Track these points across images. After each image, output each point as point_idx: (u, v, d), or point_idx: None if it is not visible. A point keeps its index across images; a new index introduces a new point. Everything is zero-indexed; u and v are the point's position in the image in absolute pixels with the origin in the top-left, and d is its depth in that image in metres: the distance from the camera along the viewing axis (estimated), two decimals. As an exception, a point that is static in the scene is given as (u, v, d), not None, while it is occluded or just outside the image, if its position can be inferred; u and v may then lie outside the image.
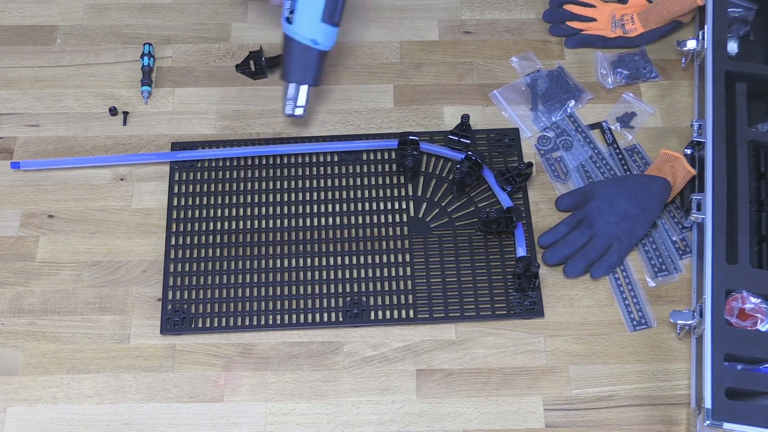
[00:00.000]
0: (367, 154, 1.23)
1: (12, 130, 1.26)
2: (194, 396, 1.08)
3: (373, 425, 1.06)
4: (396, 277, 1.15)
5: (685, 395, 1.07)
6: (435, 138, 1.24)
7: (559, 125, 1.25)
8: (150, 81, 1.28)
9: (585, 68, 1.30)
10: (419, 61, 1.31)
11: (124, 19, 1.36)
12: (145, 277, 1.15)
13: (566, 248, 1.15)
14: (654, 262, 1.15)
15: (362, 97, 1.28)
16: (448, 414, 1.06)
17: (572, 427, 1.06)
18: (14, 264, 1.16)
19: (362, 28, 1.34)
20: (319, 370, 1.09)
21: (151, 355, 1.10)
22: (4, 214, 1.19)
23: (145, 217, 1.19)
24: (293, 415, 1.07)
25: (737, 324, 1.04)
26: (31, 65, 1.31)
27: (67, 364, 1.09)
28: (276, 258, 1.16)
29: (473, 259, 1.15)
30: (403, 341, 1.11)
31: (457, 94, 1.28)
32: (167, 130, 1.26)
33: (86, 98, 1.28)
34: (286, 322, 1.12)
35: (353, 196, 1.20)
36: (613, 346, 1.10)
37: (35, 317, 1.12)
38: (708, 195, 1.10)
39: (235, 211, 1.19)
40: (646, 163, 1.22)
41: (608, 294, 1.14)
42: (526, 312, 1.12)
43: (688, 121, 1.25)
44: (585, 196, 1.18)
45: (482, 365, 1.09)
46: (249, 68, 1.27)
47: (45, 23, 1.35)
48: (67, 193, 1.21)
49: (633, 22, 1.31)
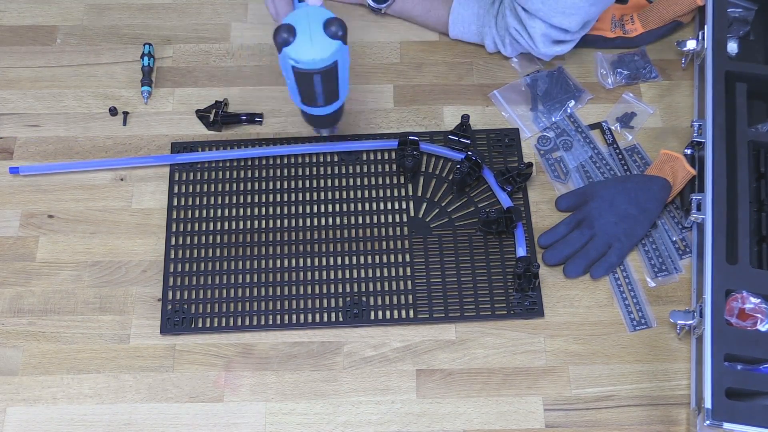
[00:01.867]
0: (367, 154, 1.23)
1: (12, 130, 1.26)
2: (194, 396, 1.08)
3: (373, 425, 1.06)
4: (396, 277, 1.15)
5: (685, 395, 1.07)
6: (435, 138, 1.24)
7: (559, 125, 1.25)
8: (150, 81, 1.28)
9: (585, 68, 1.30)
10: (419, 61, 1.31)
11: (124, 19, 1.36)
12: (145, 277, 1.15)
13: (566, 248, 1.15)
14: (654, 262, 1.15)
15: (362, 97, 1.28)
16: (448, 414, 1.06)
17: (572, 427, 1.06)
18: (14, 264, 1.16)
19: (362, 28, 1.34)
20: (319, 370, 1.09)
21: (151, 355, 1.10)
22: (4, 215, 1.19)
23: (145, 217, 1.19)
24: (293, 415, 1.07)
25: (737, 324, 1.04)
26: (31, 65, 1.31)
27: (67, 364, 1.09)
28: (276, 258, 1.16)
29: (473, 259, 1.15)
30: (403, 341, 1.11)
31: (457, 94, 1.28)
32: (167, 130, 1.26)
33: (86, 98, 1.28)
34: (286, 322, 1.12)
35: (353, 196, 1.20)
36: (613, 346, 1.10)
37: (35, 317, 1.12)
38: (708, 195, 1.10)
39: (235, 211, 1.19)
40: (646, 163, 1.22)
41: (608, 294, 1.14)
42: (526, 312, 1.12)
43: (688, 121, 1.25)
44: (585, 196, 1.18)
45: (482, 365, 1.09)
46: (208, 118, 1.25)
47: (45, 23, 1.35)
48: (67, 193, 1.21)
49: (633, 22, 1.31)
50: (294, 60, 1.00)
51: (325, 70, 1.01)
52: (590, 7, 1.17)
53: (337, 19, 1.00)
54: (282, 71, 1.04)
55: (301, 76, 1.02)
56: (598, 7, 1.18)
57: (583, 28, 1.21)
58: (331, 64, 1.01)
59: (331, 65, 1.01)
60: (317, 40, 0.99)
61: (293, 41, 0.99)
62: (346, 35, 1.00)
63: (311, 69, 1.00)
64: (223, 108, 1.25)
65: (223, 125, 1.25)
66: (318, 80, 1.03)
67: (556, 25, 1.18)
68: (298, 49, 0.99)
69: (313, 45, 0.99)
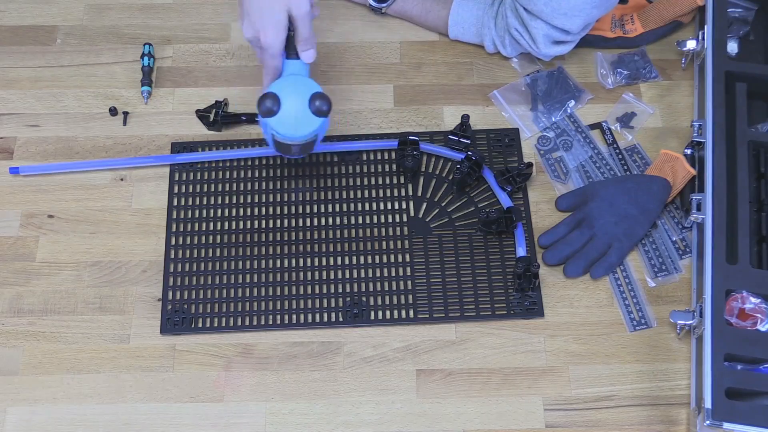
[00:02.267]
0: (367, 154, 1.23)
1: (12, 130, 1.26)
2: (194, 396, 1.08)
3: (373, 425, 1.06)
4: (396, 277, 1.15)
5: (685, 395, 1.07)
6: (435, 138, 1.24)
7: (559, 125, 1.25)
8: (150, 81, 1.28)
9: (585, 68, 1.30)
10: (419, 61, 1.31)
11: (124, 19, 1.36)
12: (145, 277, 1.15)
13: (566, 248, 1.15)
14: (654, 262, 1.15)
15: (362, 97, 1.28)
16: (448, 414, 1.06)
17: (572, 427, 1.06)
18: (14, 264, 1.16)
19: (362, 28, 1.34)
20: (319, 370, 1.09)
21: (151, 355, 1.10)
22: (4, 215, 1.19)
23: (145, 217, 1.19)
24: (293, 415, 1.07)
25: (737, 324, 1.04)
26: (31, 65, 1.31)
27: (67, 364, 1.09)
28: (276, 258, 1.16)
29: (473, 259, 1.15)
30: (403, 341, 1.11)
31: (457, 94, 1.28)
32: (167, 130, 1.26)
33: (86, 98, 1.28)
34: (286, 322, 1.12)
35: (353, 196, 1.20)
36: (613, 346, 1.10)
37: (35, 317, 1.12)
38: (708, 195, 1.10)
39: (235, 211, 1.19)
40: (646, 163, 1.22)
41: (608, 294, 1.14)
42: (526, 312, 1.12)
43: (688, 121, 1.25)
44: (585, 196, 1.18)
45: (482, 365, 1.09)
46: (208, 117, 1.25)
47: (45, 23, 1.35)
48: (67, 193, 1.21)
49: (633, 22, 1.31)
50: (275, 132, 1.04)
51: (305, 143, 1.06)
52: (593, 9, 1.17)
53: (322, 95, 1.02)
54: (261, 129, 1.08)
55: (280, 144, 1.07)
56: (601, 10, 1.19)
57: (583, 30, 1.21)
58: (312, 138, 1.05)
59: (311, 139, 1.05)
60: (301, 116, 1.02)
61: (276, 113, 1.02)
62: (330, 110, 1.04)
63: (291, 142, 1.05)
64: (223, 108, 1.25)
65: (223, 125, 1.25)
66: (297, 149, 1.07)
67: (558, 27, 1.18)
68: (281, 123, 1.03)
69: (296, 122, 1.03)
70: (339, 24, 1.35)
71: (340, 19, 1.35)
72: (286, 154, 1.12)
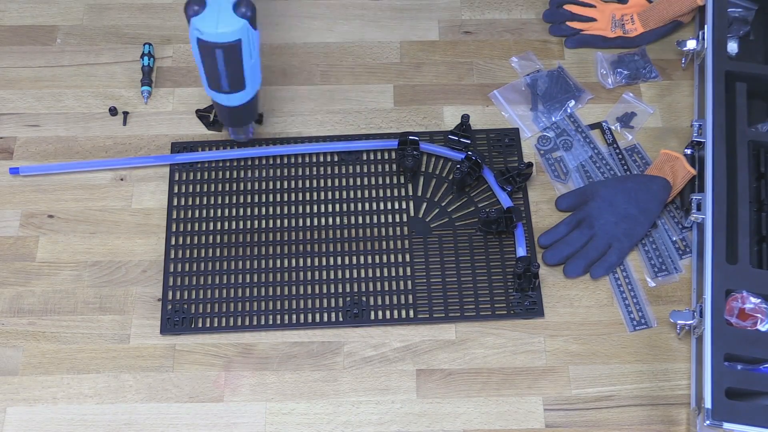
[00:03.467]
0: (367, 154, 1.23)
1: (12, 130, 1.26)
2: (194, 396, 1.08)
3: (373, 425, 1.06)
4: (396, 277, 1.15)
5: (685, 395, 1.07)
6: (435, 138, 1.24)
7: (559, 125, 1.25)
8: (150, 81, 1.28)
9: (585, 68, 1.30)
10: (419, 61, 1.31)
11: (124, 19, 1.36)
12: (145, 277, 1.15)
13: (566, 248, 1.15)
14: (654, 262, 1.15)
15: (362, 97, 1.28)
16: (448, 414, 1.06)
17: (572, 427, 1.06)
18: (14, 264, 1.16)
19: (362, 28, 1.34)
20: (319, 370, 1.09)
21: (151, 355, 1.10)
22: (4, 215, 1.19)
23: (145, 217, 1.19)
24: (293, 415, 1.07)
25: (737, 324, 1.04)
26: (31, 65, 1.31)
27: (67, 364, 1.09)
28: (276, 258, 1.16)
29: (473, 259, 1.15)
30: (403, 341, 1.11)
31: (457, 94, 1.28)
32: (167, 130, 1.26)
33: (86, 98, 1.28)
34: (286, 322, 1.12)
35: (353, 196, 1.20)
36: (613, 346, 1.10)
37: (35, 317, 1.12)
38: (708, 195, 1.10)
39: (235, 211, 1.19)
40: (646, 163, 1.22)
41: (608, 294, 1.14)
42: (526, 312, 1.12)
43: (688, 121, 1.25)
44: (585, 196, 1.18)
45: (482, 365, 1.09)
46: (208, 118, 1.25)
47: (45, 23, 1.35)
48: (67, 193, 1.21)
49: (633, 22, 1.31)
50: (198, 31, 1.03)
51: (228, 45, 1.03)
52: None
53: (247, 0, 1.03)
54: (192, 49, 1.07)
55: (204, 49, 1.05)
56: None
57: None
58: (234, 41, 1.03)
59: (233, 42, 1.03)
60: (224, 15, 1.02)
61: (201, 13, 1.02)
62: (255, 18, 1.03)
63: (214, 42, 1.03)
64: None
65: (223, 125, 1.25)
66: (221, 56, 1.05)
67: None
68: (204, 21, 1.02)
69: (219, 19, 1.02)
70: (339, 24, 1.35)
71: (340, 19, 1.35)
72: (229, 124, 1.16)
